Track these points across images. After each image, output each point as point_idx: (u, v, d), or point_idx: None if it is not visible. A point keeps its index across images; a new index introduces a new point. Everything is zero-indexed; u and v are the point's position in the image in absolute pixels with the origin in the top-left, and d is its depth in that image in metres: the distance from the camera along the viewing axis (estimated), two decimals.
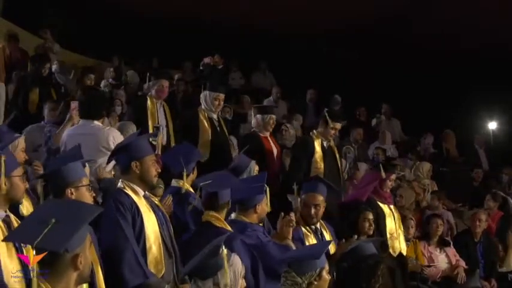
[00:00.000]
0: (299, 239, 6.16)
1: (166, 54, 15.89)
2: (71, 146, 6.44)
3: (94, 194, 5.00)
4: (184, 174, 6.33)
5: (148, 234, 4.88)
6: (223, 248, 4.04)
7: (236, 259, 4.21)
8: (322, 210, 6.44)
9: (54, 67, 12.33)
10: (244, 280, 4.23)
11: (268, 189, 5.89)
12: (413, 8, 15.93)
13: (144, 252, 4.85)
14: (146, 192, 5.09)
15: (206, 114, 8.35)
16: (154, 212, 5.02)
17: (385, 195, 8.04)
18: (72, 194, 4.64)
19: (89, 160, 5.51)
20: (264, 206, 5.78)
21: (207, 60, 14.69)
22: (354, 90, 15.36)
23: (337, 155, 8.81)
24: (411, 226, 8.61)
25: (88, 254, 3.37)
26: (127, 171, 5.04)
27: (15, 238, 3.60)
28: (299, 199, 6.56)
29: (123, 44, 16.09)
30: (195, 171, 6.62)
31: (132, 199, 4.92)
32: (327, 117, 8.36)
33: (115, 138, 6.75)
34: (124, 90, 12.92)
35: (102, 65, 15.36)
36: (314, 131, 8.55)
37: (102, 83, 13.30)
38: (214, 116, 8.45)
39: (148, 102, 8.57)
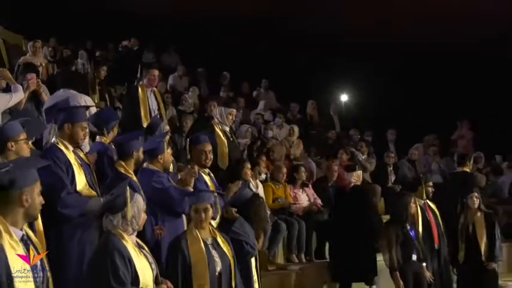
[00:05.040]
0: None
1: (94, 36, 15.68)
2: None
3: (31, 146, 4.93)
4: (105, 132, 6.28)
5: (79, 183, 4.89)
6: (128, 188, 4.13)
7: (138, 197, 4.22)
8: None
9: None
10: (145, 213, 4.27)
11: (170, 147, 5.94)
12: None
13: None
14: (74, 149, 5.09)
15: (220, 127, 8.04)
16: (82, 164, 5.02)
17: None
18: (12, 146, 4.52)
19: (25, 119, 5.38)
20: (167, 157, 5.78)
21: (125, 43, 14.70)
22: (239, 67, 15.52)
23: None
24: (282, 173, 8.82)
25: (36, 198, 3.43)
26: (61, 129, 5.04)
27: None
28: None
29: (58, 26, 15.65)
30: (115, 130, 6.48)
31: (65, 154, 4.90)
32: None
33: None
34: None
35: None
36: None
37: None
38: (227, 129, 8.15)
39: (140, 91, 8.12)
